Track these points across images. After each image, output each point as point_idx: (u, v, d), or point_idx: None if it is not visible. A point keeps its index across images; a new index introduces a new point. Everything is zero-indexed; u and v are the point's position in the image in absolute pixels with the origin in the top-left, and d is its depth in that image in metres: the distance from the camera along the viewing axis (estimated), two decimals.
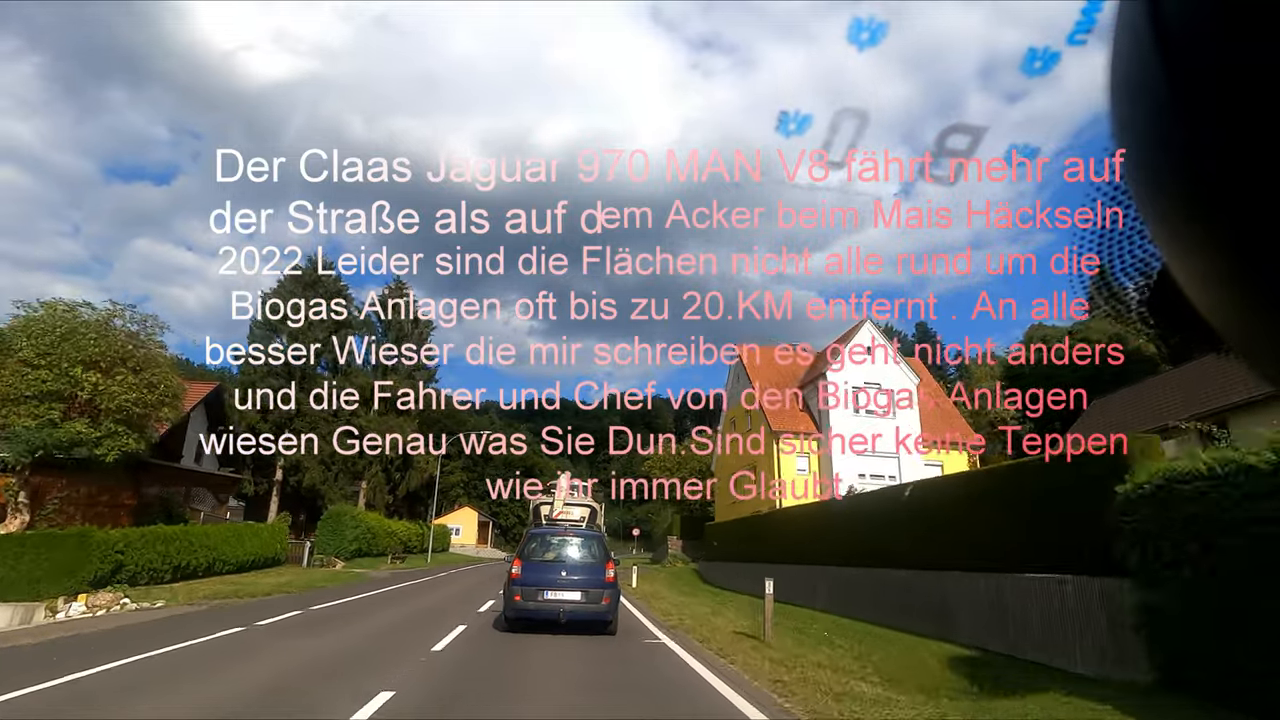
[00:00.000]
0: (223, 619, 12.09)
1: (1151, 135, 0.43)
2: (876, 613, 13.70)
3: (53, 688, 6.66)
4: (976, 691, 7.44)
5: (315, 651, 9.00)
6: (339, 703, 6.14)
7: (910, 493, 13.40)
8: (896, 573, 13.24)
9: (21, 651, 9.06)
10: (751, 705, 6.51)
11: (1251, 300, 0.43)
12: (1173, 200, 0.44)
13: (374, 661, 8.26)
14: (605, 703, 6.76)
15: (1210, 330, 0.48)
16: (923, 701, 6.66)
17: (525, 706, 6.45)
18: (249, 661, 8.25)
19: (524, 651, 9.38)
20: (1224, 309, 0.46)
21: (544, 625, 10.73)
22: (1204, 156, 0.40)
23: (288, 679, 7.21)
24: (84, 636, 10.42)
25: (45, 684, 6.75)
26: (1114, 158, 0.51)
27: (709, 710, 6.49)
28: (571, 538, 11.53)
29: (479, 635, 10.88)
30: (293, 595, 17.19)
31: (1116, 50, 0.45)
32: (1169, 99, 0.41)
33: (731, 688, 7.27)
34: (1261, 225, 0.39)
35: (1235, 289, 0.43)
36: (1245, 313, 0.44)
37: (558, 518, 30.83)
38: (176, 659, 8.34)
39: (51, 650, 9.05)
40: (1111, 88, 0.46)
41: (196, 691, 6.67)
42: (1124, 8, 0.44)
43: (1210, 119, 0.39)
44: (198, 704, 6.19)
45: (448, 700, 6.54)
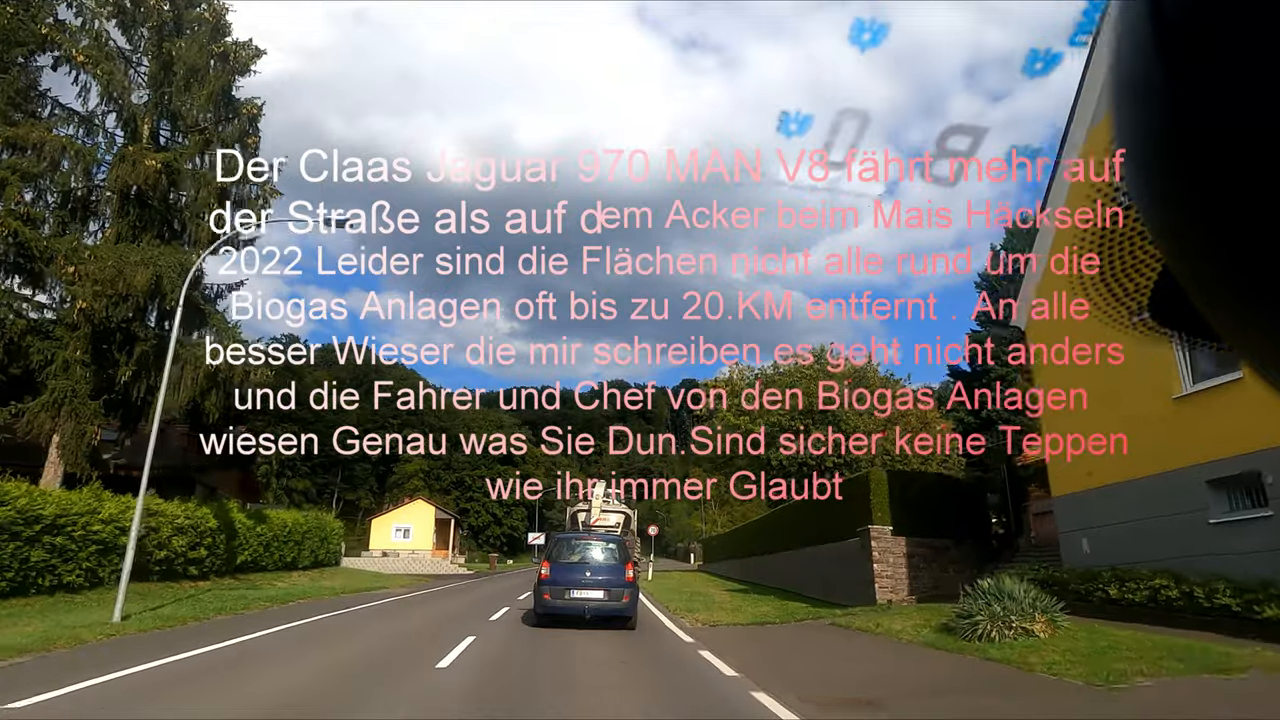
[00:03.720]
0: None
1: (1152, 135, 0.44)
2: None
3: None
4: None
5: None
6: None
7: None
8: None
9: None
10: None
11: (1253, 299, 0.43)
12: (1173, 200, 0.44)
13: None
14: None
15: (1212, 330, 0.48)
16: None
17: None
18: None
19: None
20: (1225, 308, 0.46)
21: (571, 620, 11.66)
22: (1204, 156, 0.40)
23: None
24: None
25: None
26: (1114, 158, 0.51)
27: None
28: (594, 541, 12.93)
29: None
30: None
31: (1117, 51, 0.45)
32: (1169, 99, 0.41)
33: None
34: (1262, 224, 0.39)
35: (1236, 288, 0.43)
36: (1246, 312, 0.44)
37: (595, 524, 30.90)
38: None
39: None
40: (1112, 88, 0.46)
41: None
42: (1124, 8, 0.44)
43: (1211, 119, 0.39)
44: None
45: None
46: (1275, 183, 0.38)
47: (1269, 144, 0.37)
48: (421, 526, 55.08)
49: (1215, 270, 0.44)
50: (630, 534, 32.61)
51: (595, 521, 30.80)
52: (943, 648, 9.36)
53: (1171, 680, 6.92)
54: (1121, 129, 0.46)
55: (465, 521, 70.70)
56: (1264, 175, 0.38)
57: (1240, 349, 0.48)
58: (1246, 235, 0.40)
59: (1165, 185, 0.44)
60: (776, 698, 6.58)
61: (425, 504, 58.52)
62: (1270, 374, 0.48)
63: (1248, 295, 0.43)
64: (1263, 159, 0.38)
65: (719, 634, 12.10)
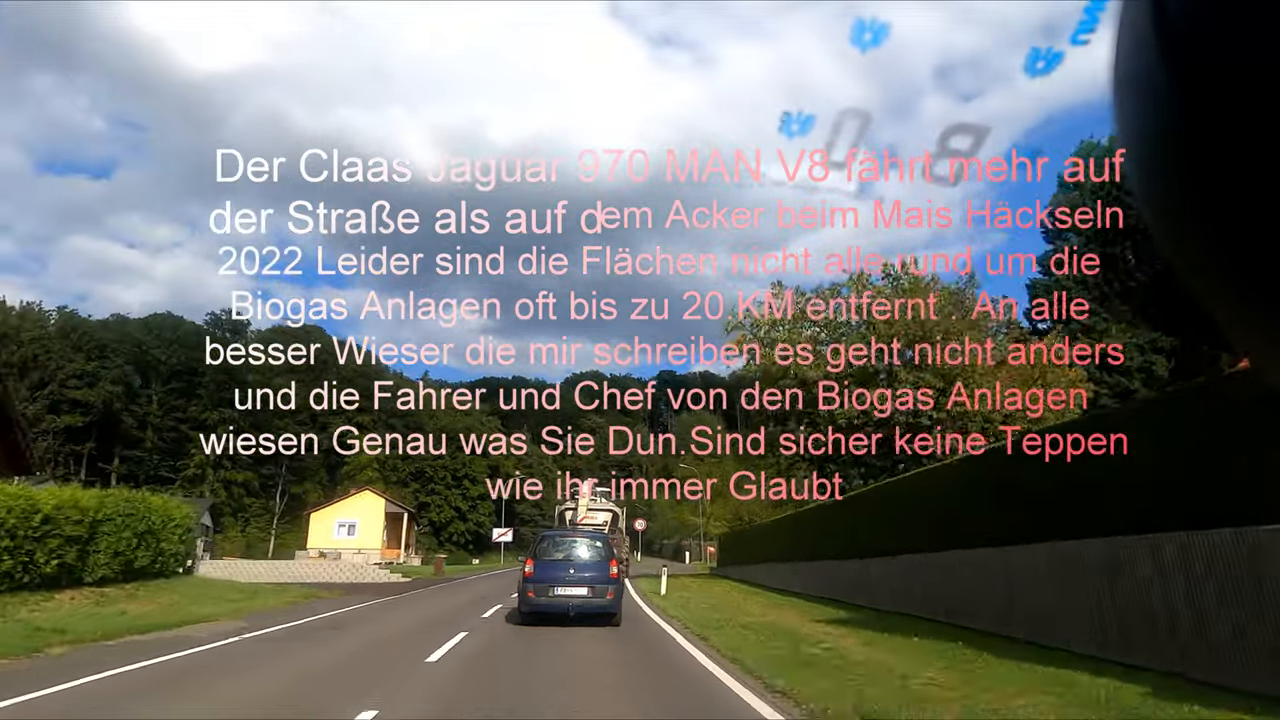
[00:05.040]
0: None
1: (1153, 134, 0.44)
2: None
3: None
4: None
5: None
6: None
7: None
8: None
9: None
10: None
11: (1255, 298, 0.43)
12: (1175, 199, 0.44)
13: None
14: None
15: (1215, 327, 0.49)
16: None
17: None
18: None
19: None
20: (1228, 307, 0.46)
21: (556, 618, 11.56)
22: (1206, 155, 0.41)
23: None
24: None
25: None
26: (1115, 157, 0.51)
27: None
28: (579, 538, 12.94)
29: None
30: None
31: (1118, 49, 0.45)
32: (1170, 98, 0.41)
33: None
34: (1264, 224, 0.39)
35: (1239, 287, 0.43)
36: (1249, 310, 0.44)
37: (581, 522, 30.89)
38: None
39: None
40: (1113, 87, 0.46)
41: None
42: (1125, 7, 0.44)
43: (1212, 118, 0.39)
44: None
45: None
46: (1276, 182, 0.38)
47: (1270, 143, 0.37)
48: (370, 522, 47.32)
49: (1218, 269, 0.44)
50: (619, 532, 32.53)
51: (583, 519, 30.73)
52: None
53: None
54: (1123, 128, 0.46)
55: (425, 517, 63.98)
56: (1265, 174, 0.38)
57: (1242, 347, 0.49)
58: (1248, 234, 0.40)
59: (1167, 184, 0.44)
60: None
61: (374, 495, 49.81)
62: (1272, 372, 0.48)
63: (1250, 294, 0.43)
64: (1263, 158, 0.38)
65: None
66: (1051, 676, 7.20)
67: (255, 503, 64.75)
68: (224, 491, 61.07)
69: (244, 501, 63.74)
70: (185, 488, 57.10)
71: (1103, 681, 6.68)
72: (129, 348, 65.59)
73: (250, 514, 63.94)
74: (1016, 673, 7.57)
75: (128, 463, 62.95)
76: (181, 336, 67.08)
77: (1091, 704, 6.10)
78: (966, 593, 11.48)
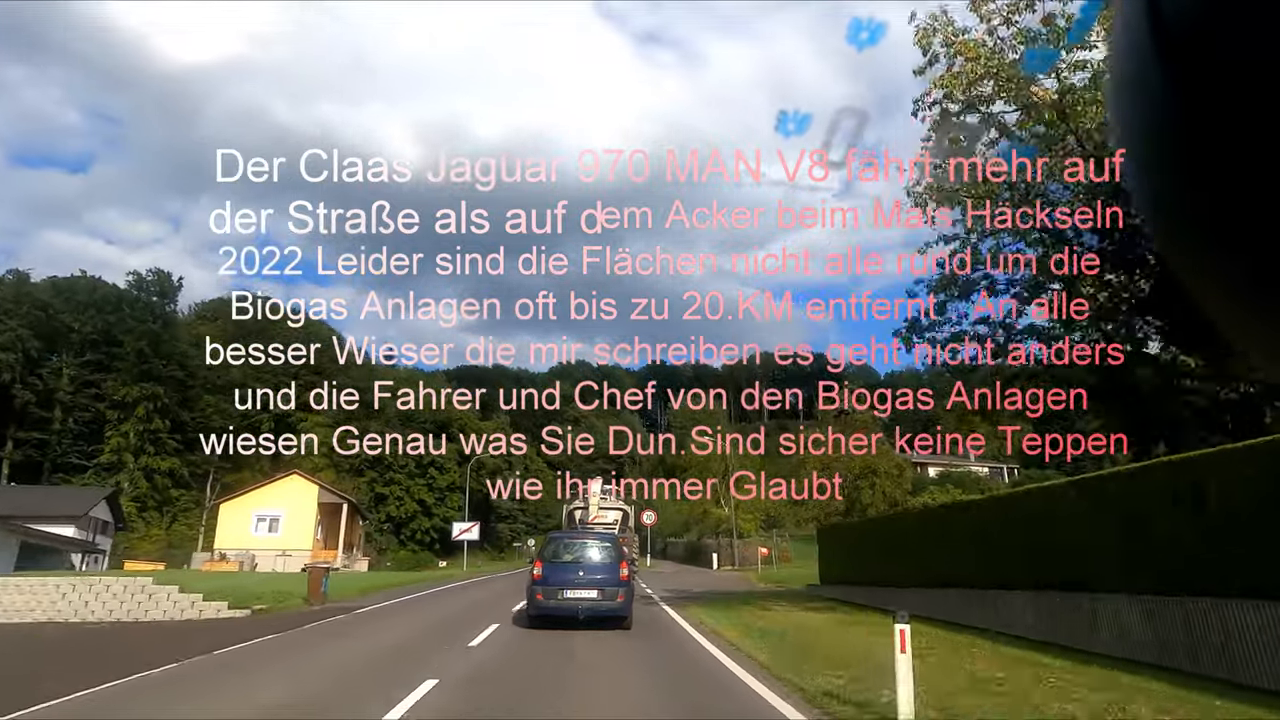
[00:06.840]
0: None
1: (1151, 135, 0.44)
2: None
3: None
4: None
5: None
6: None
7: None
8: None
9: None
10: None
11: (1255, 297, 0.43)
12: (1173, 200, 0.44)
13: None
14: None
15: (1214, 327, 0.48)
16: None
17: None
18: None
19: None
20: (1227, 306, 0.46)
21: (565, 621, 11.35)
22: (1204, 156, 0.40)
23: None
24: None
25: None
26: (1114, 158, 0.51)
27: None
28: (589, 540, 12.78)
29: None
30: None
31: (1116, 50, 0.45)
32: (1168, 98, 0.41)
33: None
34: (1263, 223, 0.39)
35: (1239, 287, 0.43)
36: (1248, 310, 0.44)
37: (592, 522, 30.87)
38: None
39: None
40: (1112, 87, 0.46)
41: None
42: (1123, 7, 0.44)
43: (1210, 118, 0.39)
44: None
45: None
46: (1276, 181, 0.38)
47: (1269, 143, 0.37)
48: (298, 515, 36.87)
49: (1216, 268, 0.44)
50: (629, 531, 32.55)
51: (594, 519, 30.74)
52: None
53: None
54: (1121, 129, 0.46)
55: (382, 510, 53.72)
56: (1264, 174, 0.38)
57: (1243, 346, 0.49)
58: (1248, 234, 0.40)
59: (1165, 185, 0.44)
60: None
61: (304, 481, 38.77)
62: (1273, 370, 0.48)
63: (1250, 294, 0.43)
64: (1263, 158, 0.38)
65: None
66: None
67: (184, 495, 52.19)
68: (145, 482, 49.40)
69: (169, 494, 51.33)
70: (100, 476, 47.87)
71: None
72: (28, 310, 51.27)
73: (178, 508, 51.55)
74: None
75: (25, 448, 50.28)
76: (99, 300, 54.33)
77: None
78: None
